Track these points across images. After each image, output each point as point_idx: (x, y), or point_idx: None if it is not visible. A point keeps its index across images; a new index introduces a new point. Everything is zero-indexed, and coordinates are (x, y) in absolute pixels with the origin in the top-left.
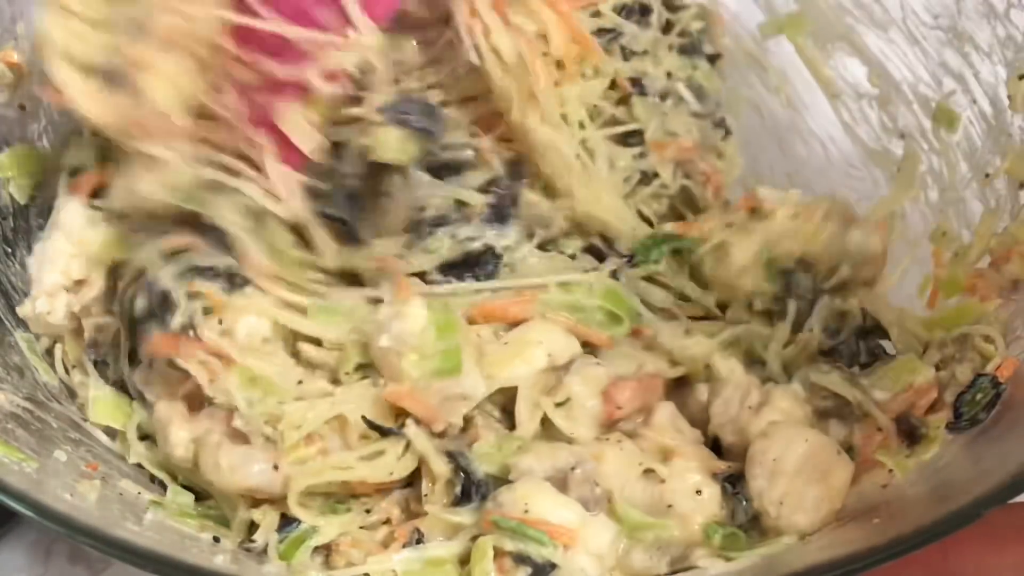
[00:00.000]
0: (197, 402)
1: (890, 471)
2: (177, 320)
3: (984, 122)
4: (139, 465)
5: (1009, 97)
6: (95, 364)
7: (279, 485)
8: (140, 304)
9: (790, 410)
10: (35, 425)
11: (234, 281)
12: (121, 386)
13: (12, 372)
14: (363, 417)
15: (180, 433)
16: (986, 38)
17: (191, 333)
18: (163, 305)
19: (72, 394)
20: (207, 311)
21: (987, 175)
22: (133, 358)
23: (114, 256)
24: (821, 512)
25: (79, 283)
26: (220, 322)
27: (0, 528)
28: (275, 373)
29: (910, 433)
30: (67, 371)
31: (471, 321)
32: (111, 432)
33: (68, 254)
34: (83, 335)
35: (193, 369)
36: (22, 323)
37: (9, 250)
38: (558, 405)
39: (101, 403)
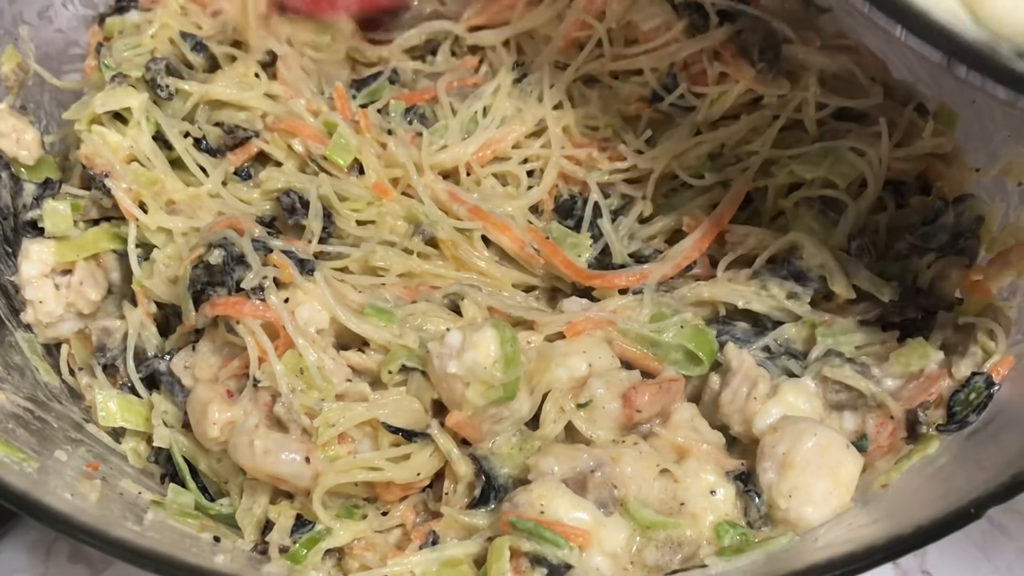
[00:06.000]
0: (236, 390)
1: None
2: (250, 280)
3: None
4: (145, 462)
5: None
6: (103, 369)
7: (307, 478)
8: (216, 256)
9: (796, 403)
10: (36, 425)
11: (304, 266)
12: (130, 389)
13: (13, 372)
14: (384, 423)
15: (219, 414)
16: None
17: (258, 299)
18: (239, 263)
19: (75, 395)
20: (277, 284)
21: None
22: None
23: (99, 245)
24: (830, 505)
25: (65, 272)
26: (286, 301)
27: (0, 528)
28: (323, 367)
29: (911, 427)
30: (72, 373)
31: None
32: (115, 433)
33: (46, 246)
34: (90, 339)
35: (249, 343)
36: (23, 323)
37: (9, 250)
38: (579, 407)
39: (111, 405)
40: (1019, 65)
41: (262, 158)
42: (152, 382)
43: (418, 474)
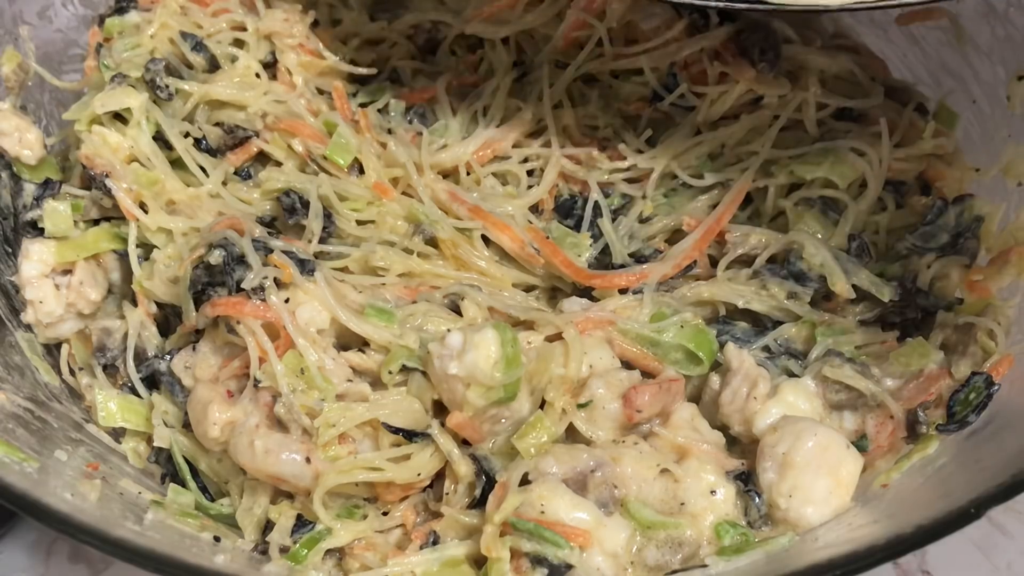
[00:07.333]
0: (237, 390)
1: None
2: (251, 280)
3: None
4: (146, 463)
5: (1008, 97)
6: (103, 369)
7: (308, 479)
8: (216, 257)
9: (796, 403)
10: (36, 425)
11: (305, 266)
12: (131, 389)
13: (13, 372)
14: (385, 424)
15: (219, 414)
16: (986, 39)
17: (259, 299)
18: (240, 263)
19: (75, 395)
20: (278, 284)
21: None
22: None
23: (100, 245)
24: (830, 504)
25: (65, 272)
26: (287, 301)
27: (0, 528)
28: (324, 367)
29: (911, 427)
30: (72, 373)
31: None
32: (115, 433)
33: (47, 246)
34: (90, 339)
35: (249, 343)
36: (23, 323)
37: (9, 250)
38: (580, 407)
39: (111, 406)
40: None
41: (262, 158)
42: (152, 382)
43: (419, 474)
